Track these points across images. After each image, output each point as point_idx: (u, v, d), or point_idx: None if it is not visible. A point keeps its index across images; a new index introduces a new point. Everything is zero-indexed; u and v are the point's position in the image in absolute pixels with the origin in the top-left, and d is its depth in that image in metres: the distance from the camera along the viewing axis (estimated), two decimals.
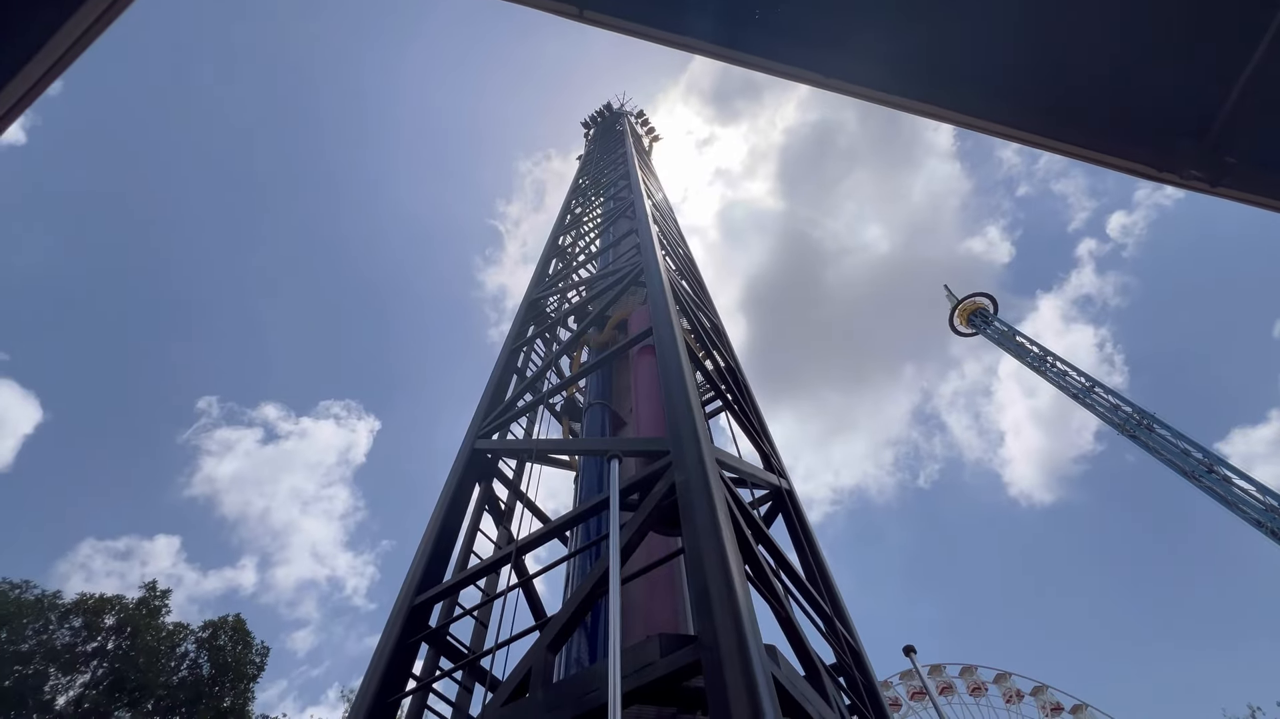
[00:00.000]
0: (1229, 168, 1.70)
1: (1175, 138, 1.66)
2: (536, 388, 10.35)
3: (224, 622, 28.59)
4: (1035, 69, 1.76)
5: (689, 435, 5.58)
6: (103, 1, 1.44)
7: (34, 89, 1.44)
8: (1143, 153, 1.81)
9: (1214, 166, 1.70)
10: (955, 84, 1.87)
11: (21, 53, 1.38)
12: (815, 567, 7.08)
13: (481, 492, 8.69)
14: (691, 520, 4.63)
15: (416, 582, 6.51)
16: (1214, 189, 1.87)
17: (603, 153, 26.42)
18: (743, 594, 3.91)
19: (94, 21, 1.45)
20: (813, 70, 1.85)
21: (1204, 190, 1.83)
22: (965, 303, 56.64)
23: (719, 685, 3.33)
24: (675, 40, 2.04)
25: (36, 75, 1.44)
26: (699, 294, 13.29)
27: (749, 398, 9.99)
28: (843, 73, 1.93)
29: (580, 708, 3.89)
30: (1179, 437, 37.49)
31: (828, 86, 1.93)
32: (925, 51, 1.84)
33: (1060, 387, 46.45)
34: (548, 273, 15.47)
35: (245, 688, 27.47)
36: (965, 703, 45.18)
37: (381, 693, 5.39)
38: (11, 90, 1.40)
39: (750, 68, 1.89)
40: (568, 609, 4.87)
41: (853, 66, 1.91)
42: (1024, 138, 1.96)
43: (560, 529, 6.64)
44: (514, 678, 4.53)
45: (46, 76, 1.46)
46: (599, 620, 6.35)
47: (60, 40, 1.44)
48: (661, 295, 8.81)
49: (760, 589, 4.98)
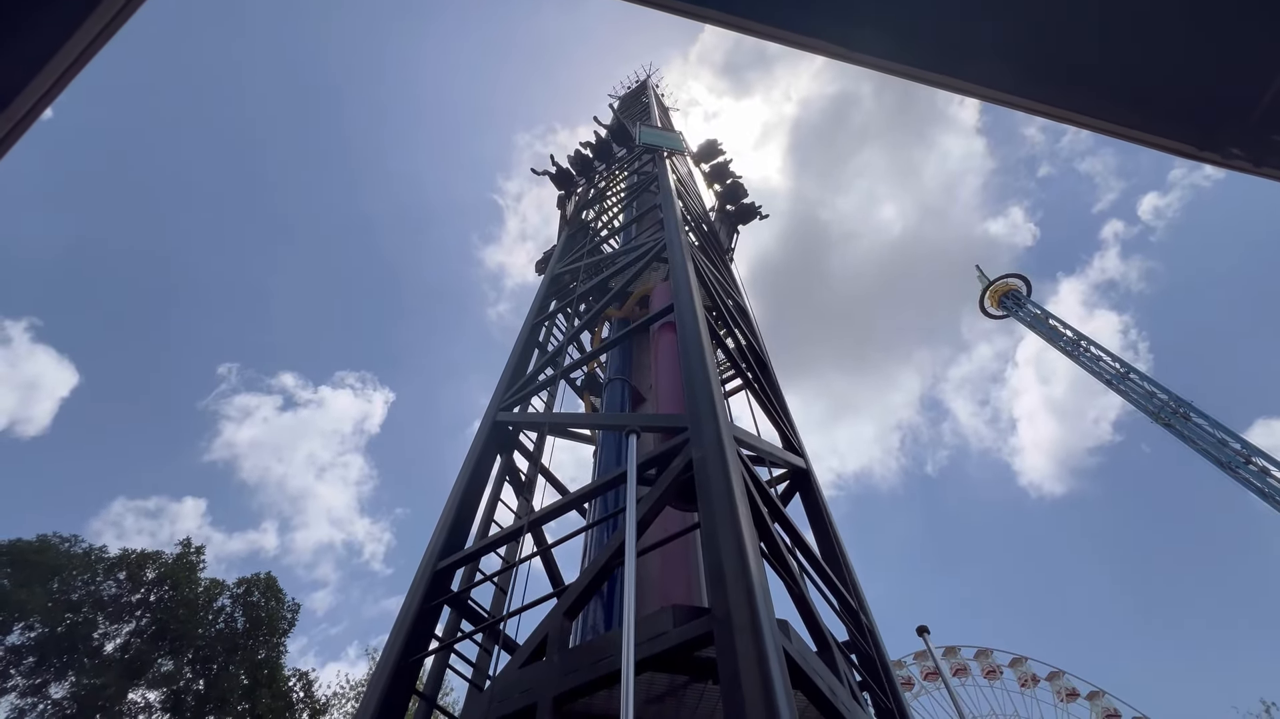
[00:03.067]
0: (1274, 146, 1.63)
1: (1217, 115, 1.59)
2: (557, 362, 10.44)
3: (257, 579, 29.87)
4: (1072, 45, 1.70)
5: (707, 412, 5.60)
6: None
7: (67, 73, 1.50)
8: (1183, 131, 1.73)
9: (1258, 145, 1.62)
10: (990, 59, 1.81)
11: (57, 37, 1.44)
12: (832, 547, 7.11)
13: (503, 463, 8.87)
14: (708, 496, 4.68)
15: (439, 547, 6.72)
16: (1258, 169, 1.79)
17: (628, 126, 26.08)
18: (756, 569, 3.96)
19: (112, 18, 1.49)
20: (839, 44, 1.80)
21: (1247, 170, 1.75)
22: (997, 284, 55.17)
23: (730, 656, 3.40)
24: (701, 13, 2.00)
25: (71, 57, 1.49)
26: (722, 271, 13.17)
27: (770, 377, 9.94)
28: (874, 47, 1.88)
29: (595, 673, 4.01)
30: (1216, 426, 36.33)
31: (855, 60, 1.88)
32: (960, 25, 1.78)
33: (1093, 372, 45.25)
34: (570, 248, 15.46)
35: (277, 642, 28.77)
36: (979, 685, 45.26)
37: (406, 651, 5.62)
38: (48, 72, 1.46)
39: (773, 40, 1.85)
40: (584, 578, 4.99)
41: (887, 40, 1.86)
42: (1060, 114, 1.89)
43: (578, 501, 6.76)
44: (531, 642, 4.68)
45: (81, 57, 1.50)
46: (614, 590, 6.50)
47: (81, 36, 1.48)
48: (683, 272, 8.77)
49: (775, 566, 5.03)
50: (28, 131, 1.68)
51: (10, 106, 1.57)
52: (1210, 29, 1.51)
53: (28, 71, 1.43)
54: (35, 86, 1.59)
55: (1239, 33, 1.46)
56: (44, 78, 1.46)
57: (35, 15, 1.56)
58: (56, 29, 1.54)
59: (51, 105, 1.71)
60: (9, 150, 1.67)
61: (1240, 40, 1.46)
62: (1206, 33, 1.53)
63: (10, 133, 1.66)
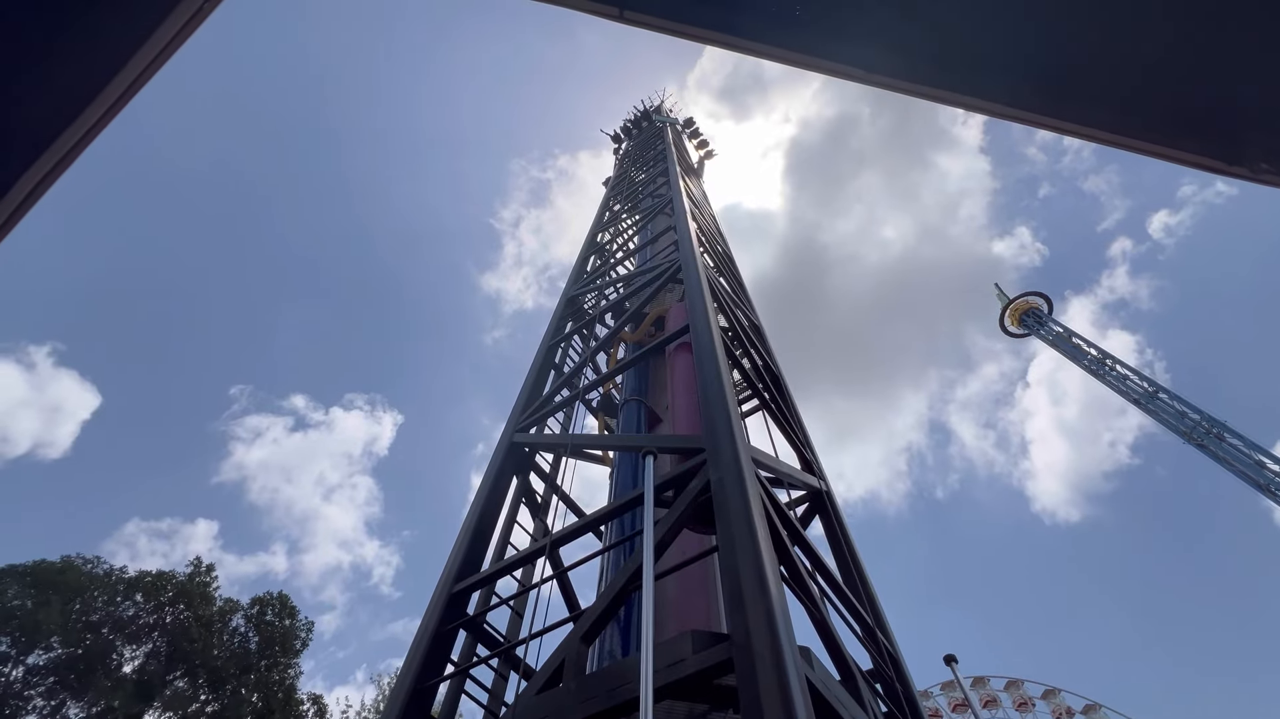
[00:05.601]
0: None
1: (1246, 129, 1.57)
2: (573, 383, 10.46)
3: (270, 597, 29.95)
4: (1094, 59, 1.69)
5: (725, 433, 5.55)
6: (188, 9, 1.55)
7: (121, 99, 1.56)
8: (1211, 145, 1.71)
9: None
10: (1006, 76, 1.81)
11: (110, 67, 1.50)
12: (853, 571, 6.96)
13: (519, 484, 8.85)
14: (726, 518, 4.62)
15: (455, 570, 6.68)
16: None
17: (640, 150, 26.51)
18: (776, 594, 3.88)
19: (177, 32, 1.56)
20: (853, 65, 1.82)
21: (1276, 184, 1.72)
22: (1017, 302, 54.46)
23: (751, 684, 3.32)
24: (717, 39, 2.04)
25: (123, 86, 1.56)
26: (737, 291, 13.18)
27: (787, 398, 9.86)
28: (887, 67, 1.89)
29: (612, 700, 3.93)
30: (1253, 447, 35.22)
31: (868, 81, 1.89)
32: (975, 42, 1.78)
33: (1120, 391, 44.26)
34: (585, 269, 15.60)
35: (291, 661, 28.69)
36: (1010, 718, 43.59)
37: (421, 675, 5.56)
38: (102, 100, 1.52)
39: (788, 63, 1.87)
40: (601, 602, 4.92)
41: (900, 59, 1.87)
42: (1082, 132, 1.88)
43: (595, 524, 6.71)
44: (548, 667, 4.61)
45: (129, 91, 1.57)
46: (632, 615, 6.40)
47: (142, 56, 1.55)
48: (699, 292, 8.78)
49: (795, 590, 4.93)
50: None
51: (56, 142, 1.64)
52: (1233, 42, 1.50)
53: (77, 107, 1.50)
54: (80, 124, 1.66)
55: (1263, 46, 1.44)
56: (92, 111, 1.53)
57: (73, 63, 1.63)
58: (101, 66, 1.61)
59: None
60: (48, 190, 1.74)
61: (1265, 53, 1.44)
62: (1230, 47, 1.51)
63: (55, 167, 1.72)
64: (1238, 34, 1.40)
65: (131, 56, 1.67)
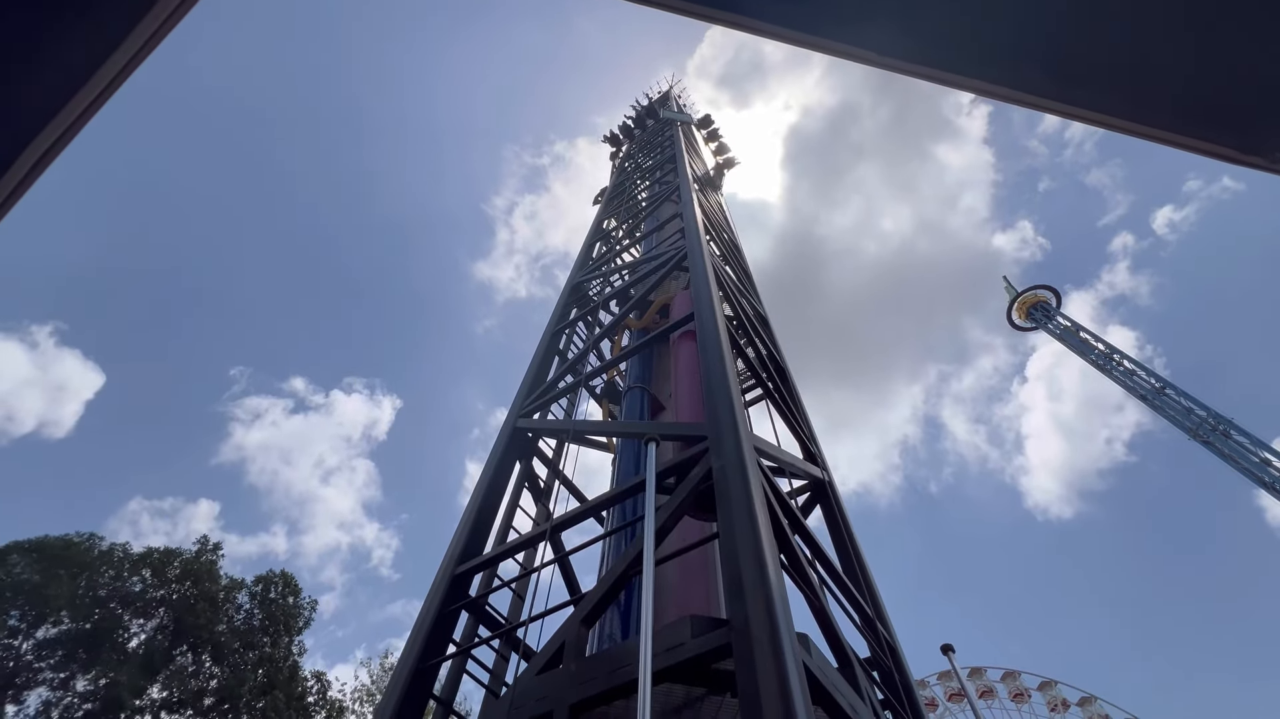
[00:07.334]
0: None
1: (1265, 116, 1.54)
2: (577, 370, 10.47)
3: (273, 575, 30.32)
4: (1107, 45, 1.66)
5: (727, 422, 5.56)
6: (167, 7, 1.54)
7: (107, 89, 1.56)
8: (1226, 133, 1.68)
9: None
10: (1018, 60, 1.78)
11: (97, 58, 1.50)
12: (854, 561, 6.99)
13: (522, 469, 8.90)
14: (727, 506, 4.63)
15: (458, 552, 6.75)
16: None
17: (643, 153, 25.64)
18: (776, 581, 3.90)
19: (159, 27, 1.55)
20: (865, 47, 1.79)
21: None
22: (1025, 295, 54.11)
23: (749, 669, 3.35)
24: (722, 17, 2.00)
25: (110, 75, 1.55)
26: (743, 280, 13.13)
27: (790, 387, 9.85)
28: (894, 47, 1.86)
29: (611, 682, 3.98)
30: (1259, 444, 35.06)
31: (880, 64, 1.86)
32: (987, 23, 1.75)
33: (1127, 387, 44.04)
34: (591, 256, 15.54)
35: (294, 639, 29.09)
36: (1007, 709, 43.94)
37: (424, 654, 5.63)
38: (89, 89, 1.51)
39: (796, 44, 1.84)
40: (602, 586, 4.96)
41: (908, 40, 1.83)
42: (1093, 118, 1.84)
43: (597, 509, 6.75)
44: (548, 649, 4.67)
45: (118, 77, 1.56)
46: (632, 599, 6.45)
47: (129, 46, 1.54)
48: (704, 281, 8.75)
49: (795, 578, 4.96)
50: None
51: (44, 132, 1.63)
52: (1249, 28, 1.46)
53: (67, 92, 1.49)
54: (67, 113, 1.65)
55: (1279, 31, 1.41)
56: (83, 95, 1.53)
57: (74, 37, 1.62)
58: (92, 52, 1.60)
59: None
60: (49, 167, 1.74)
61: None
62: (1245, 32, 1.48)
63: (53, 147, 1.72)
64: (1259, 12, 1.36)
65: (130, 32, 1.65)
